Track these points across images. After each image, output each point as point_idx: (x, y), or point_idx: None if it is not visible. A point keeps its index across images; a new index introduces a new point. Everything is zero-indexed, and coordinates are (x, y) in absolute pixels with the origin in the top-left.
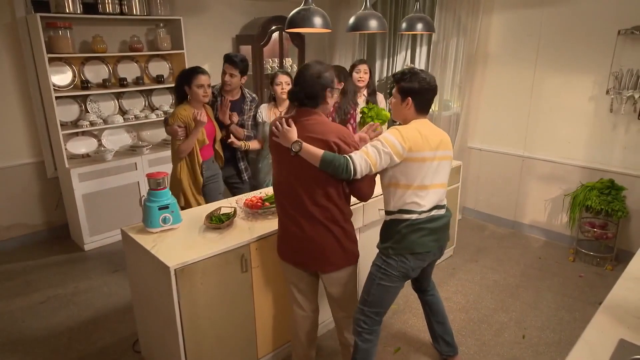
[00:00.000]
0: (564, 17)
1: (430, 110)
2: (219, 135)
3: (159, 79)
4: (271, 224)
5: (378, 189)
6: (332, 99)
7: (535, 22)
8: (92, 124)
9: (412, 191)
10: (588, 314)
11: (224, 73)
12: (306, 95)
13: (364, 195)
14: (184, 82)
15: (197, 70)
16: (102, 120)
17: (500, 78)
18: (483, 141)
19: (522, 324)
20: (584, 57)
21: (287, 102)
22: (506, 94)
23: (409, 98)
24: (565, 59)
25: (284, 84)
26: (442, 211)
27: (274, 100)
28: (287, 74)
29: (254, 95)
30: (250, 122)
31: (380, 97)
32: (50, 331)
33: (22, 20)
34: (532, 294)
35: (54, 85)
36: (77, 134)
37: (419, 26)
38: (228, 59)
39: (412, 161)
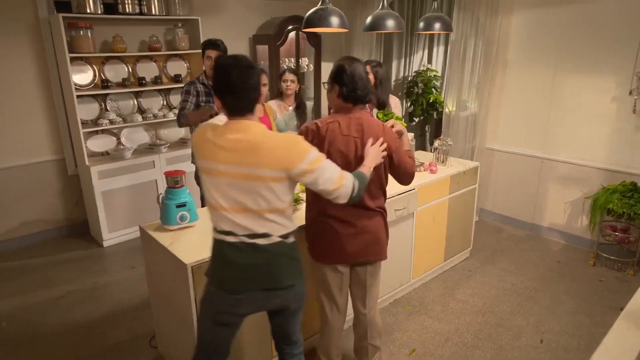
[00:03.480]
0: (585, 17)
1: (447, 110)
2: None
3: (176, 79)
4: None
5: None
6: None
7: (556, 21)
8: (111, 122)
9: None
10: (608, 320)
11: (208, 58)
12: (362, 94)
13: (410, 175)
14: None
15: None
16: (121, 119)
17: (520, 78)
18: (501, 142)
19: (540, 328)
20: (606, 57)
21: (292, 98)
22: (525, 94)
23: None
24: (586, 59)
25: (289, 82)
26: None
27: (280, 95)
28: (295, 72)
29: None
30: None
31: (394, 100)
32: (70, 325)
33: (45, 21)
34: (551, 297)
35: (75, 85)
36: (97, 132)
37: (437, 26)
38: (210, 44)
39: None
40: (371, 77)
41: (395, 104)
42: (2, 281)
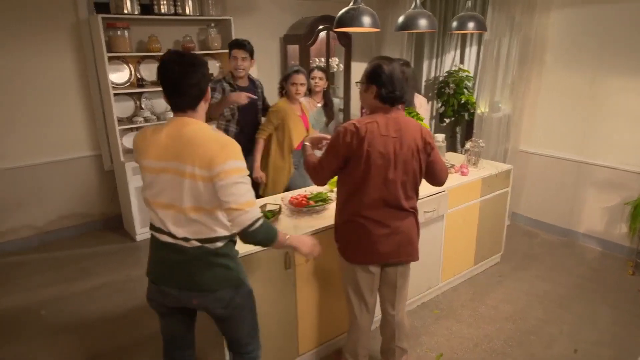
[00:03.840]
0: (628, 16)
1: (479, 111)
2: (311, 131)
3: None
4: (315, 222)
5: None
6: None
7: (597, 20)
8: (146, 120)
9: None
10: None
11: (234, 59)
12: (400, 95)
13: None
14: (283, 79)
15: (293, 70)
16: (155, 117)
17: (557, 79)
18: (536, 144)
19: (574, 338)
20: None
21: (320, 95)
22: (563, 95)
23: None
24: (629, 59)
25: (317, 79)
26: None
27: (309, 92)
28: (322, 69)
29: (257, 79)
30: (261, 106)
31: (419, 99)
32: (104, 316)
33: (85, 21)
34: (586, 306)
35: (112, 83)
36: (132, 129)
37: (471, 25)
38: (236, 44)
39: None
40: (314, 83)
41: (420, 104)
42: (42, 271)
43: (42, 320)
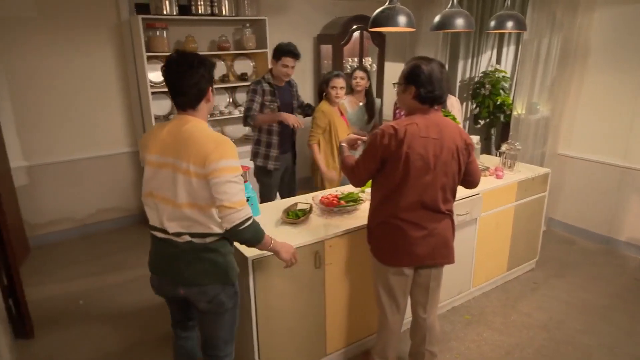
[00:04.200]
0: None
1: (516, 112)
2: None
3: (243, 77)
4: (346, 222)
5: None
6: None
7: None
8: None
9: None
10: None
11: (284, 66)
12: (440, 94)
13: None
14: (323, 83)
15: (333, 74)
16: None
17: (600, 80)
18: (576, 148)
19: (613, 350)
20: None
21: (362, 94)
22: (606, 97)
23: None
24: None
25: (358, 79)
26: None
27: (351, 91)
28: (365, 70)
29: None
30: (296, 105)
31: (451, 100)
32: (139, 307)
33: (126, 22)
34: (627, 318)
35: (150, 82)
36: None
37: (510, 24)
38: (291, 53)
39: None
40: (355, 82)
41: (452, 104)
42: (81, 263)
43: (80, 310)
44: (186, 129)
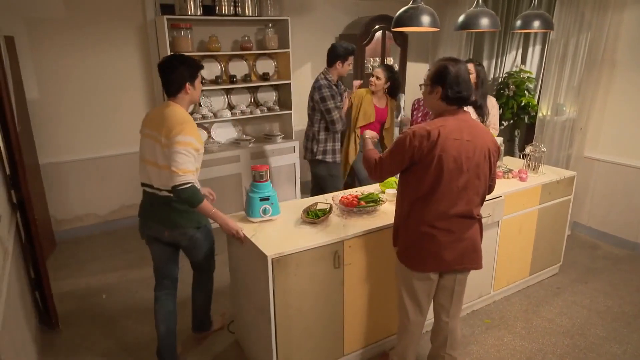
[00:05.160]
0: None
1: (541, 114)
2: (388, 124)
3: (264, 77)
4: (366, 223)
5: None
6: None
7: None
8: (204, 117)
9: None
10: None
11: (349, 65)
12: (467, 95)
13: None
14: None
15: (377, 65)
16: (212, 114)
17: (630, 81)
18: (603, 151)
19: (638, 359)
20: None
21: (380, 95)
22: (635, 99)
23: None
24: None
25: (374, 78)
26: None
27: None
28: (387, 69)
29: None
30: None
31: (491, 101)
32: None
33: (152, 22)
34: None
35: None
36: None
37: (536, 24)
38: (354, 52)
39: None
40: (473, 77)
41: (492, 105)
42: (104, 258)
43: (103, 304)
44: (166, 111)
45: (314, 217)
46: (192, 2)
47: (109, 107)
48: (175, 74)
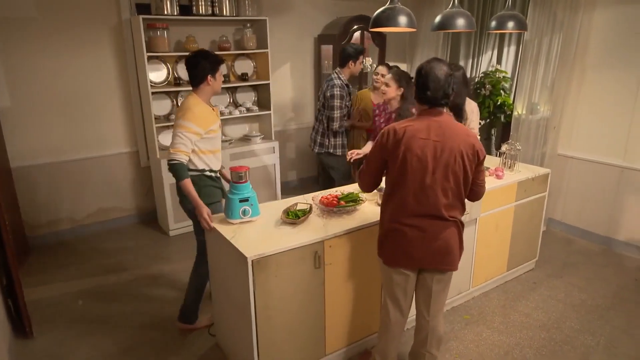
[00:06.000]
0: None
1: (517, 113)
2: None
3: (243, 77)
4: (346, 223)
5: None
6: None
7: None
8: None
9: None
10: None
11: (360, 63)
12: (433, 96)
13: (481, 195)
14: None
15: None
16: None
17: (600, 80)
18: (575, 148)
19: (612, 350)
20: None
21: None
22: (606, 97)
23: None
24: None
25: (380, 75)
26: None
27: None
28: (389, 67)
29: None
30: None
31: (471, 105)
32: (137, 308)
33: (127, 22)
34: (626, 318)
35: (150, 82)
36: (168, 127)
37: (510, 24)
38: (364, 51)
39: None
40: (376, 78)
41: (472, 110)
42: (80, 263)
43: (79, 310)
44: (183, 101)
45: (294, 217)
46: (168, 2)
47: (84, 109)
48: (198, 68)
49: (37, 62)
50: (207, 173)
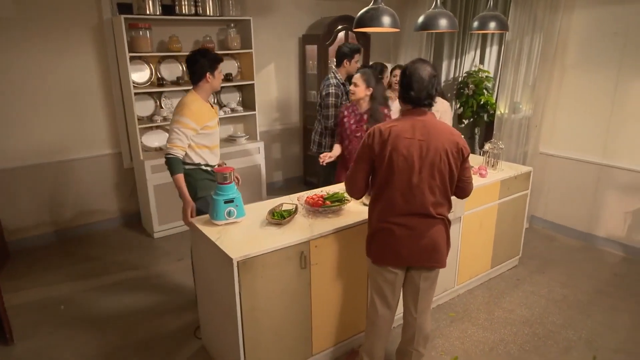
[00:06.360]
0: None
1: (499, 112)
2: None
3: (227, 77)
4: (331, 223)
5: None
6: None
7: (623, 20)
8: (165, 119)
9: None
10: None
11: (356, 62)
12: (417, 96)
13: (469, 192)
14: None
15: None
16: None
17: (579, 80)
18: (556, 147)
19: (593, 344)
20: None
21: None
22: (585, 96)
23: None
24: None
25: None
26: None
27: (390, 87)
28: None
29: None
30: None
31: (444, 105)
32: (121, 312)
33: (108, 22)
34: (606, 312)
35: (133, 82)
36: (151, 128)
37: (492, 25)
38: (360, 50)
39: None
40: (395, 79)
41: (445, 109)
42: (62, 267)
43: (62, 315)
44: (184, 96)
45: (279, 218)
46: (150, 2)
47: (65, 111)
48: (197, 65)
49: (16, 62)
50: (203, 167)
